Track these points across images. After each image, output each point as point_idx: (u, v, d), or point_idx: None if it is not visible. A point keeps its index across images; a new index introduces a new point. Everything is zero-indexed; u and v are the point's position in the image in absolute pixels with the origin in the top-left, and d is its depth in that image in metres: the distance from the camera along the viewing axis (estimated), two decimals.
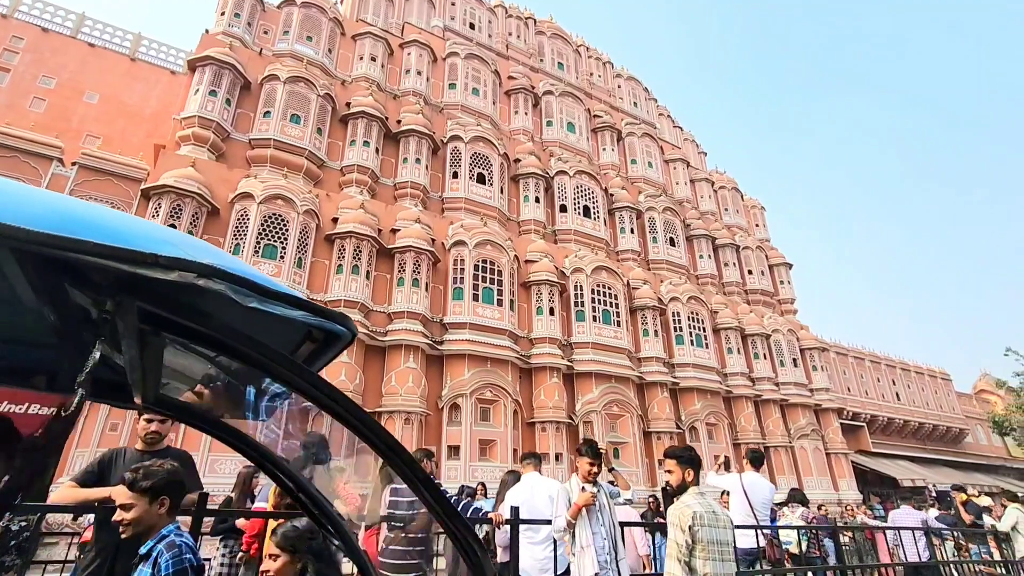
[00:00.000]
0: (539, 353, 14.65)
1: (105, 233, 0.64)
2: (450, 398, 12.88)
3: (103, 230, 0.64)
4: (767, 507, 4.70)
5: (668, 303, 18.29)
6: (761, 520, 4.60)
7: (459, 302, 13.92)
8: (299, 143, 13.59)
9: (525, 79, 19.98)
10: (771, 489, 4.75)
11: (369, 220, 13.14)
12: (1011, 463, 30.63)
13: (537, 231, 16.93)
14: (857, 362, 25.27)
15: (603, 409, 14.97)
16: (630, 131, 22.46)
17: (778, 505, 7.60)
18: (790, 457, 18.73)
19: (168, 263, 0.65)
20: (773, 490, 4.78)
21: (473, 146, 16.57)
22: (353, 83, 16.09)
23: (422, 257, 13.52)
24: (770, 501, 4.70)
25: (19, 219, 0.59)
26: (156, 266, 0.65)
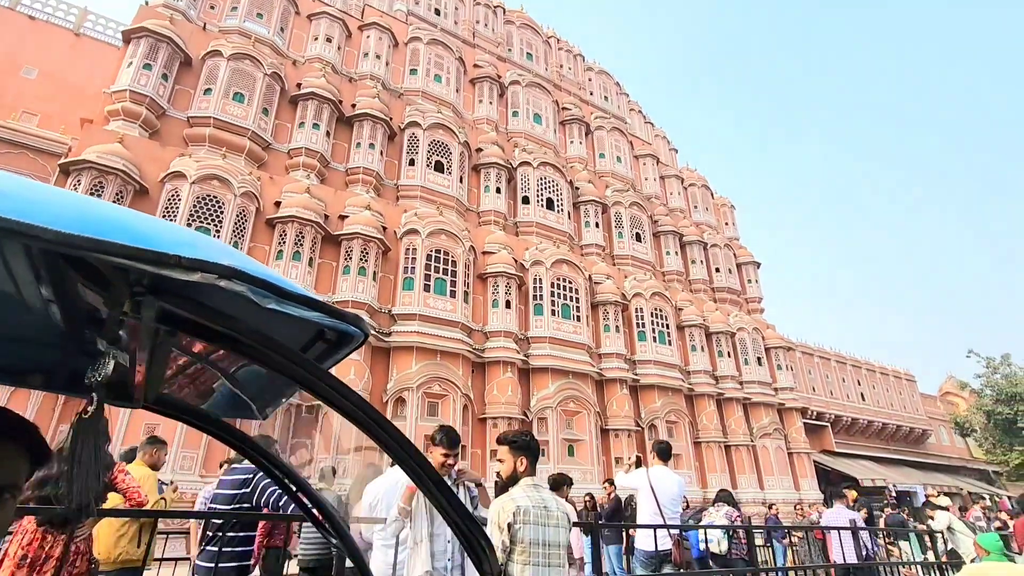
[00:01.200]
0: (493, 347, 14.19)
1: (128, 233, 0.64)
2: (395, 392, 12.35)
3: (126, 230, 0.65)
4: (676, 503, 4.29)
5: (631, 299, 17.97)
6: (669, 518, 4.18)
7: (409, 292, 13.40)
8: (242, 123, 12.93)
9: (491, 68, 19.51)
10: (680, 483, 4.34)
11: (314, 205, 12.55)
12: (972, 464, 31.04)
13: (497, 222, 16.47)
14: (823, 362, 25.30)
15: (559, 405, 14.57)
16: (599, 125, 22.13)
17: (714, 505, 7.22)
18: (751, 456, 18.56)
19: (191, 264, 0.66)
20: (683, 484, 4.37)
21: (432, 133, 16.04)
22: (306, 64, 15.46)
23: (370, 245, 12.97)
24: (679, 497, 4.29)
25: (40, 218, 0.58)
26: (179, 267, 0.66)
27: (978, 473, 30.89)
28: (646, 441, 16.39)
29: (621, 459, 15.28)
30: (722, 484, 17.01)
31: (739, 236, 25.39)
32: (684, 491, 4.34)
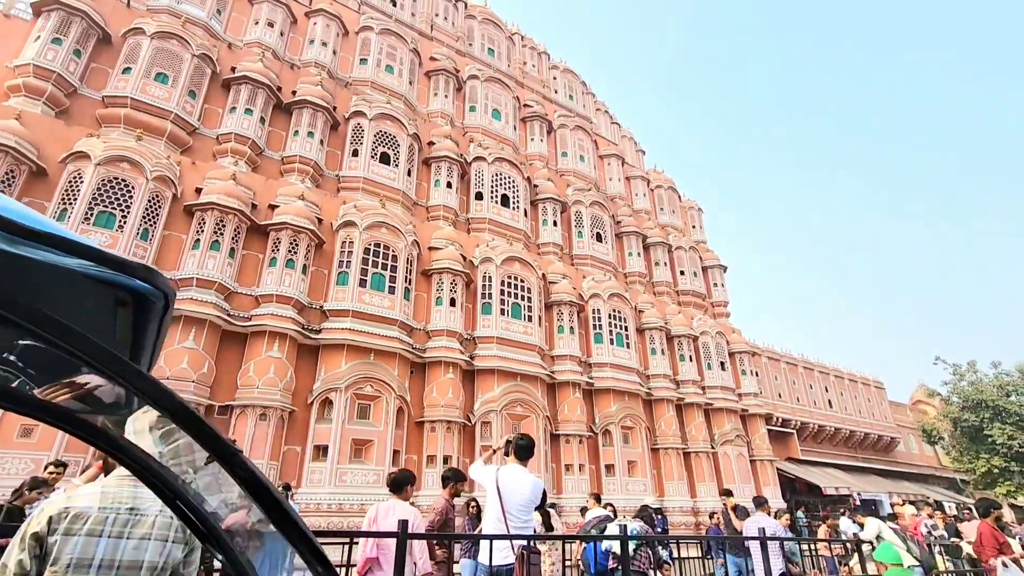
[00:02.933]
0: (435, 346, 13.45)
1: None
2: (321, 392, 11.52)
3: None
4: (527, 511, 3.58)
5: (589, 299, 17.36)
6: (516, 528, 3.48)
7: (343, 287, 12.61)
8: (164, 104, 12.11)
9: (449, 61, 18.90)
10: (535, 487, 3.62)
11: (239, 192, 11.74)
12: (940, 472, 30.87)
13: (447, 218, 15.78)
14: (789, 368, 24.90)
15: (504, 409, 13.83)
16: (562, 123, 21.62)
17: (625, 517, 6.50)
18: (712, 463, 17.96)
19: None
20: (539, 488, 3.66)
21: (378, 123, 15.35)
22: (244, 48, 14.70)
23: (300, 236, 12.18)
24: (531, 503, 3.58)
25: None
26: None
27: (946, 481, 30.72)
28: (600, 447, 15.77)
29: (572, 466, 14.63)
30: (680, 492, 16.43)
31: (706, 239, 25.00)
32: (537, 497, 3.63)
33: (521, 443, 3.84)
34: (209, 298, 10.65)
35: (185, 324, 10.32)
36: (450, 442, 12.62)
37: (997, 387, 25.15)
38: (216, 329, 10.79)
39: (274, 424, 10.60)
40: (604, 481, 15.30)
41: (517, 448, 3.83)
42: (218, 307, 10.71)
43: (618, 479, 15.29)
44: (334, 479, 10.83)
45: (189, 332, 10.30)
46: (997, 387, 25.15)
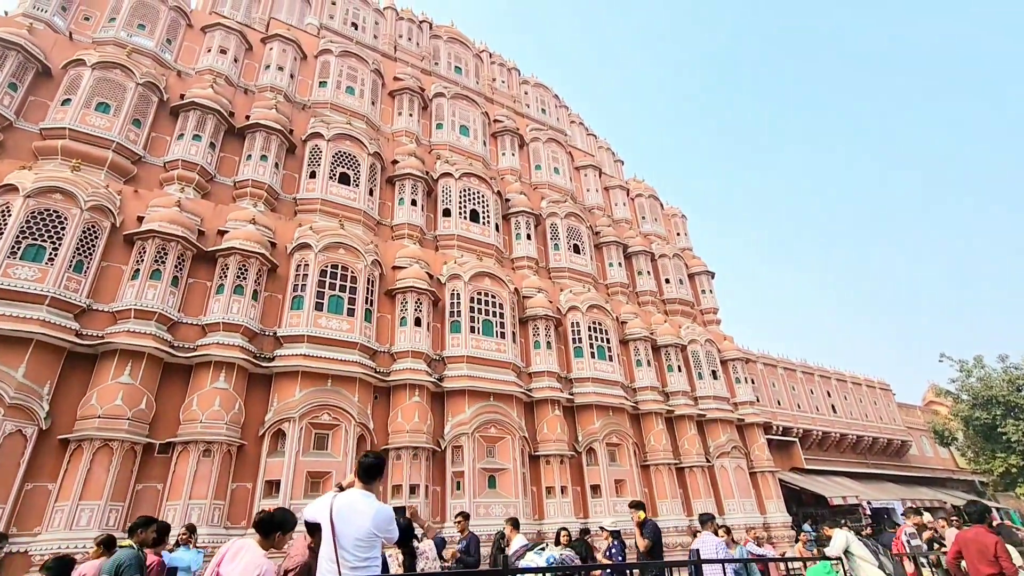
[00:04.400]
0: (400, 369, 12.81)
1: None
2: (273, 423, 10.87)
3: None
4: (368, 546, 2.88)
5: (567, 313, 16.75)
6: (352, 568, 2.81)
7: (298, 312, 12.06)
8: (105, 134, 11.79)
9: (413, 80, 18.70)
10: (378, 515, 2.93)
11: (183, 219, 11.31)
12: (959, 475, 29.57)
13: (412, 236, 15.31)
14: (787, 373, 24.00)
15: (477, 431, 13.11)
16: (535, 136, 21.33)
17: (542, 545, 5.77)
18: (707, 478, 17.04)
19: None
20: (383, 517, 2.97)
21: (337, 144, 15.02)
22: (196, 76, 14.48)
23: (250, 261, 11.69)
24: (371, 536, 2.90)
25: None
26: None
27: (965, 484, 29.41)
28: (584, 467, 14.96)
29: (553, 488, 13.83)
30: (675, 511, 15.56)
31: (692, 246, 24.42)
32: (384, 529, 2.95)
33: (364, 461, 3.20)
34: (148, 329, 10.11)
35: (121, 358, 9.77)
36: (417, 470, 11.88)
37: (1007, 382, 24.14)
38: (156, 362, 10.22)
39: (219, 460, 9.94)
40: (590, 503, 14.45)
41: (359, 468, 3.20)
42: (158, 338, 10.16)
43: (605, 500, 14.43)
44: None
45: (125, 366, 9.73)
46: (1007, 382, 24.14)
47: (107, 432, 9.14)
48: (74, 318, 9.82)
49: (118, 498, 9.13)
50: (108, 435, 9.13)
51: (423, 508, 11.54)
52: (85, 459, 8.95)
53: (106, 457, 9.10)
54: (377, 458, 3.27)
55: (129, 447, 9.38)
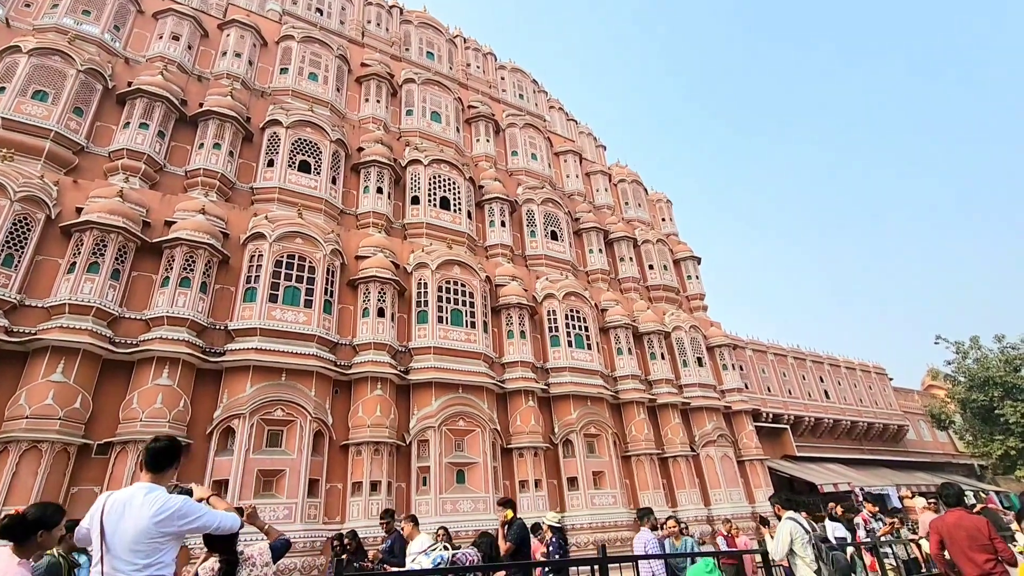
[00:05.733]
0: (361, 362, 12.29)
1: None
2: (222, 420, 10.36)
3: None
4: (147, 551, 2.36)
5: (543, 301, 16.21)
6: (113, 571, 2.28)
7: (251, 304, 11.54)
8: (42, 123, 11.26)
9: (381, 66, 18.11)
10: (160, 510, 2.40)
11: (124, 209, 10.78)
12: (958, 459, 28.98)
13: (377, 225, 14.76)
14: (778, 359, 23.41)
15: (444, 424, 12.59)
16: (511, 122, 20.74)
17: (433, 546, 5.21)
18: (692, 467, 16.51)
19: None
20: (168, 511, 2.43)
21: (296, 131, 14.47)
22: (146, 63, 13.93)
23: (198, 252, 11.16)
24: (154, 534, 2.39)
25: None
26: None
27: (965, 468, 28.83)
28: (560, 460, 14.44)
29: (527, 482, 13.32)
30: (657, 502, 15.03)
31: (677, 231, 23.83)
32: (169, 527, 2.43)
33: (152, 446, 2.67)
34: (84, 325, 9.60)
35: (53, 355, 9.27)
36: (379, 466, 11.37)
37: (1004, 362, 23.53)
38: (93, 359, 9.72)
39: None
40: (567, 496, 13.95)
41: (145, 455, 2.66)
42: (95, 334, 9.64)
43: (582, 493, 13.92)
44: None
45: (57, 364, 9.23)
46: (1004, 362, 23.53)
47: (35, 433, 8.64)
48: (3, 315, 9.31)
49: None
50: (37, 436, 8.63)
51: (386, 505, 11.02)
52: (11, 462, 8.45)
53: (35, 459, 8.60)
54: (169, 441, 2.74)
55: (61, 448, 8.88)
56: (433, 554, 4.26)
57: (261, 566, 2.94)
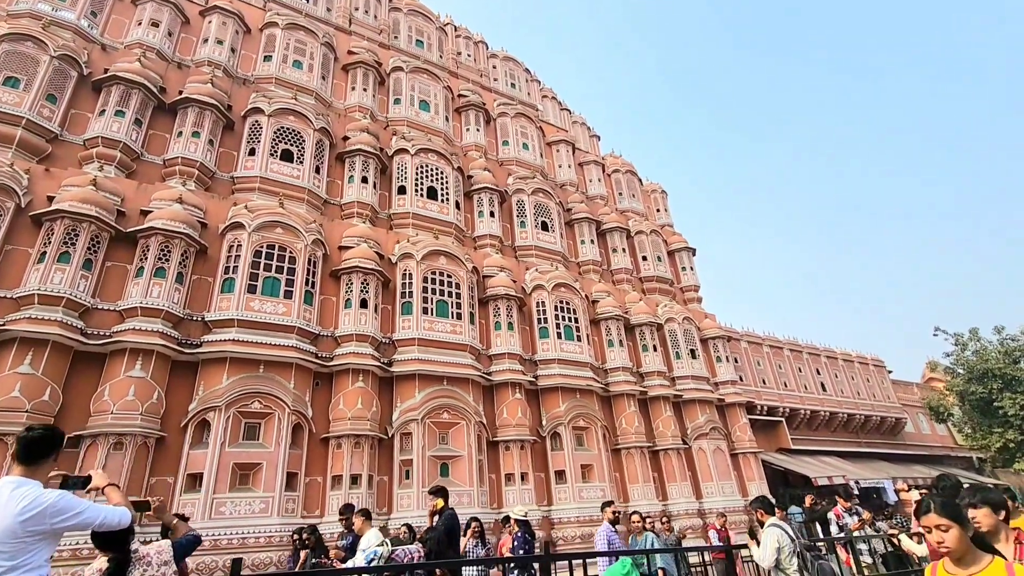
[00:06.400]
0: (343, 353, 12.07)
1: None
2: (197, 413, 10.16)
3: None
4: (6, 550, 2.16)
5: (532, 292, 15.97)
6: None
7: (228, 295, 11.31)
8: (13, 110, 11.00)
9: (368, 54, 17.78)
10: (27, 507, 2.17)
11: (98, 198, 10.54)
12: (957, 452, 28.74)
13: (362, 215, 14.50)
14: (773, 351, 23.13)
15: (427, 417, 12.39)
16: (502, 111, 20.41)
17: None
18: (684, 461, 16.30)
19: None
20: (36, 507, 2.20)
21: (279, 119, 14.19)
22: (124, 50, 13.66)
23: (174, 242, 10.93)
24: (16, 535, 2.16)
25: None
26: None
27: (964, 461, 28.61)
28: (548, 453, 14.24)
29: (513, 475, 13.12)
30: (647, 496, 14.87)
31: (672, 222, 23.50)
32: (32, 518, 2.20)
33: (24, 437, 2.44)
34: (53, 316, 9.39)
35: (21, 346, 9.06)
36: (359, 459, 11.18)
37: (1003, 354, 23.25)
38: (64, 350, 9.51)
39: (133, 453, 9.24)
40: (554, 489, 13.76)
41: (17, 446, 2.43)
42: (65, 325, 9.43)
43: (570, 486, 13.72)
44: (209, 511, 9.41)
45: (25, 355, 9.02)
46: (1003, 354, 23.25)
47: (1, 426, 8.45)
48: None
49: None
50: (2, 429, 8.44)
51: (367, 499, 10.85)
52: None
53: (0, 452, 8.41)
54: (44, 431, 2.51)
55: None
56: (368, 551, 4.03)
57: (158, 565, 2.71)
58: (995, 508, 2.85)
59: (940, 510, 2.25)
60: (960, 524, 2.22)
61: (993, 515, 2.85)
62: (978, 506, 2.88)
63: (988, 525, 2.84)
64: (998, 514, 2.85)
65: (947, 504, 2.28)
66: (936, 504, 2.29)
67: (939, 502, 2.29)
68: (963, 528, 2.22)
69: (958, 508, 2.31)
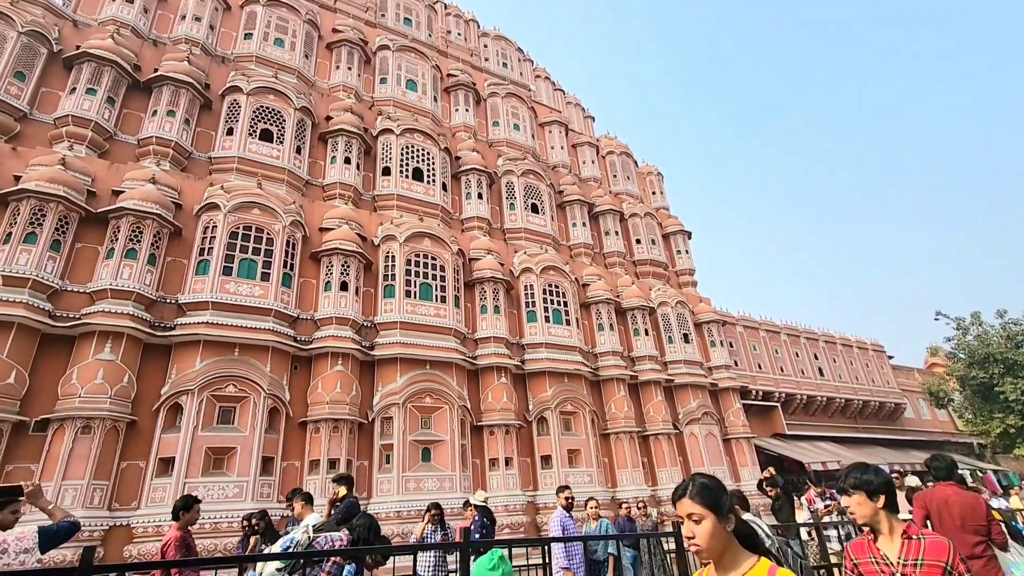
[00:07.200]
0: (322, 336, 11.85)
1: None
2: (170, 397, 9.98)
3: None
4: None
5: (520, 275, 15.67)
6: None
7: (202, 277, 11.08)
8: None
9: (354, 32, 17.35)
10: None
11: (66, 178, 10.27)
12: (957, 437, 28.44)
13: (344, 196, 14.19)
14: (770, 336, 22.79)
15: (409, 401, 12.19)
16: (493, 91, 19.95)
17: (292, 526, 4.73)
18: (675, 446, 16.08)
19: None
20: None
21: (258, 98, 13.85)
22: (98, 27, 13.31)
23: (146, 222, 10.68)
24: None
25: None
26: None
27: (964, 447, 28.30)
28: (535, 437, 14.05)
29: (497, 460, 12.93)
30: (635, 481, 14.68)
31: (668, 205, 23.07)
32: None
33: None
34: (19, 297, 9.18)
35: None
36: (337, 443, 11.00)
37: (1006, 338, 22.81)
38: (31, 332, 9.31)
39: (102, 437, 9.07)
40: (540, 474, 13.59)
41: None
42: (31, 307, 9.23)
43: (556, 471, 13.53)
44: (180, 496, 9.23)
45: None
46: (1006, 338, 22.81)
47: None
48: None
49: None
50: None
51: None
52: None
53: None
54: None
55: None
56: (286, 539, 3.82)
57: (16, 553, 2.46)
58: (872, 494, 2.29)
59: (696, 495, 1.71)
60: (717, 514, 1.67)
61: (869, 502, 2.29)
62: (850, 492, 2.36)
63: (863, 516, 2.31)
64: (875, 500, 2.28)
65: (706, 488, 1.72)
66: (693, 487, 1.73)
67: (698, 484, 1.74)
68: (720, 520, 1.68)
69: (718, 495, 1.71)
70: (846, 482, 2.35)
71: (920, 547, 2.13)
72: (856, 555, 2.31)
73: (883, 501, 2.29)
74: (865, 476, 2.33)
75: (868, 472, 2.35)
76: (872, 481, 2.31)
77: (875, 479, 2.32)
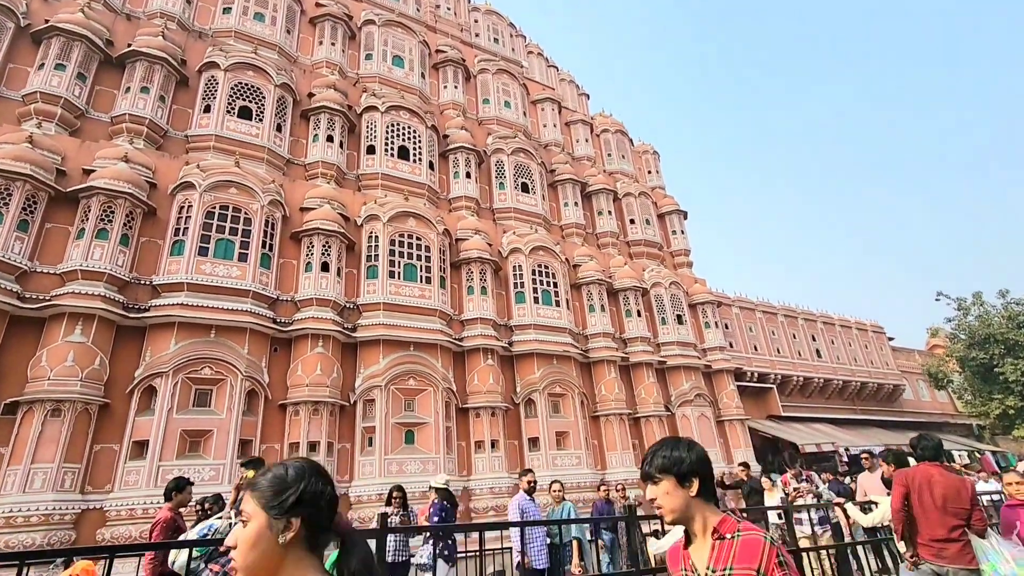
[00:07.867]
0: (302, 318, 11.62)
1: None
2: (144, 379, 9.80)
3: None
4: None
5: (508, 255, 15.37)
6: None
7: (177, 258, 10.82)
8: None
9: (338, 7, 16.84)
10: None
11: (32, 156, 9.98)
12: (956, 419, 28.20)
13: (327, 175, 13.86)
14: (767, 317, 22.47)
15: (391, 383, 11.99)
16: (483, 68, 19.44)
17: None
18: (666, 428, 15.89)
19: None
20: None
21: (237, 75, 13.46)
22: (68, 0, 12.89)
23: (118, 202, 10.40)
24: None
25: None
26: None
27: (963, 429, 28.08)
28: (522, 420, 13.87)
29: (483, 443, 12.77)
30: (625, 463, 14.52)
31: (664, 184, 22.62)
32: None
33: None
34: None
35: None
36: (317, 426, 10.83)
37: (1007, 319, 22.42)
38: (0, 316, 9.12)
39: (72, 420, 8.91)
40: (527, 457, 13.42)
41: None
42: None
43: (543, 453, 13.38)
44: (154, 479, 9.11)
45: None
46: (1007, 319, 22.42)
47: None
48: None
49: None
50: None
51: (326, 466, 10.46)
52: None
53: None
54: None
55: None
56: (203, 526, 3.63)
57: None
58: (682, 478, 1.73)
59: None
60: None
61: (679, 490, 1.73)
62: (656, 478, 1.78)
63: (672, 510, 1.73)
64: (687, 486, 1.72)
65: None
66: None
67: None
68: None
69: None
70: (651, 465, 1.78)
71: (731, 550, 1.64)
72: (672, 567, 1.84)
73: (696, 487, 1.72)
74: (675, 453, 1.76)
75: (679, 447, 1.78)
76: (684, 459, 1.74)
77: (687, 456, 1.75)
